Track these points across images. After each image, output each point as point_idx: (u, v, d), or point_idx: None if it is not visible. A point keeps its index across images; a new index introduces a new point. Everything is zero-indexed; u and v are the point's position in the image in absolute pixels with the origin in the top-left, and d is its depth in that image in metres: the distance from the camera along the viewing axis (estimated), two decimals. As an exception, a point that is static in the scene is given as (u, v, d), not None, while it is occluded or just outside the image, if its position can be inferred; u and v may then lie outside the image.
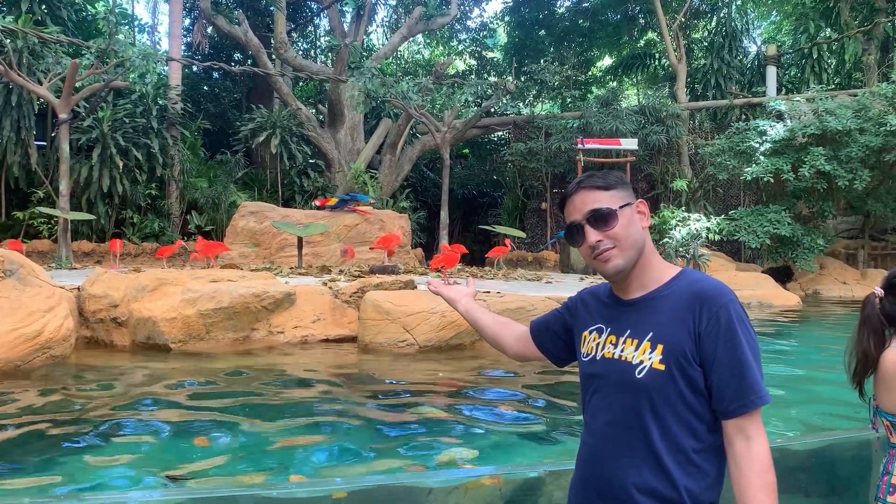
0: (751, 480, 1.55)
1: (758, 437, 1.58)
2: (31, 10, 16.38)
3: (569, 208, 1.75)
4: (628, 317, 1.72)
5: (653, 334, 1.65)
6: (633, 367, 1.64)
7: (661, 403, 1.61)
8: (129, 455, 3.91)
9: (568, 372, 3.12)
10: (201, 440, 4.17)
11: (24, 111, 15.63)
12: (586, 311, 1.86)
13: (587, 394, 1.78)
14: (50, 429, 4.33)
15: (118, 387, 5.66)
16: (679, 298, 1.66)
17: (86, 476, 3.58)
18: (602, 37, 27.25)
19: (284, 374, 6.48)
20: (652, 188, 20.50)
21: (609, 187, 1.71)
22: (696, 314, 1.62)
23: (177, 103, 17.99)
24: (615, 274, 1.71)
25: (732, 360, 1.58)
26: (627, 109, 19.59)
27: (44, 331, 6.13)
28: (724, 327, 1.59)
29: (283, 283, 7.95)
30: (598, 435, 1.70)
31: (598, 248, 1.69)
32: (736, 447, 1.59)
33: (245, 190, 19.05)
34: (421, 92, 15.94)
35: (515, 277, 11.98)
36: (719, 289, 1.65)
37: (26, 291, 6.62)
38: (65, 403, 5.03)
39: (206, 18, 19.69)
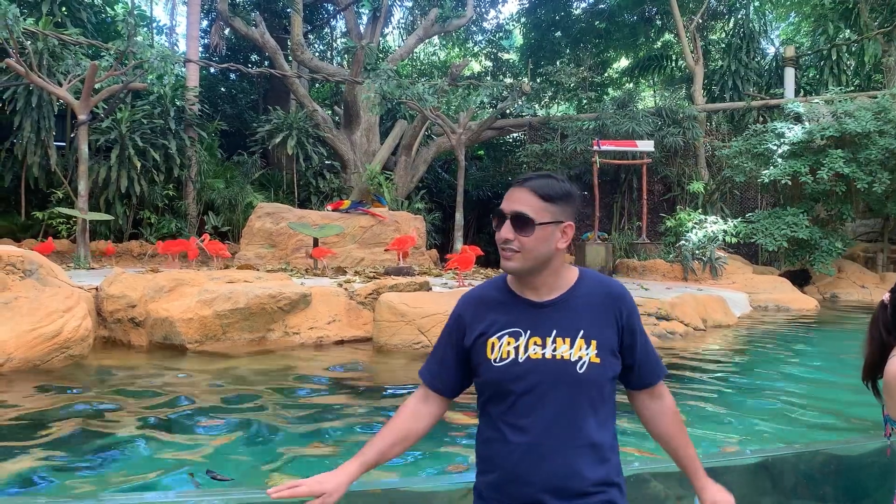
0: (676, 425, 1.94)
1: (667, 394, 1.97)
2: (51, 13, 16.56)
3: (509, 194, 1.81)
4: (548, 318, 1.81)
5: (584, 331, 1.78)
6: (573, 364, 1.75)
7: (597, 395, 1.78)
8: (150, 454, 3.93)
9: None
10: (223, 439, 4.20)
11: (43, 112, 15.80)
12: (486, 317, 1.85)
13: (506, 397, 1.79)
14: (67, 427, 4.37)
15: (135, 387, 5.70)
16: (594, 298, 1.85)
17: (106, 475, 3.61)
18: (618, 38, 27.12)
19: (300, 375, 6.51)
20: (668, 190, 20.38)
21: (547, 199, 1.77)
22: (616, 311, 1.84)
23: (194, 105, 18.10)
24: (511, 272, 1.82)
25: (645, 343, 1.90)
26: (643, 111, 19.48)
27: (62, 330, 6.20)
28: (636, 319, 1.88)
29: (298, 285, 7.99)
30: (536, 434, 1.74)
31: (505, 244, 1.77)
32: (656, 406, 1.95)
33: (261, 191, 19.14)
34: (436, 93, 15.96)
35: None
36: (623, 287, 1.93)
37: (45, 291, 6.70)
38: (82, 402, 5.07)
39: (224, 20, 19.82)
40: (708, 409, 5.34)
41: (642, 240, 17.67)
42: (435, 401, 1.95)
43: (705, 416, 5.12)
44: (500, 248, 1.78)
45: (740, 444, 4.40)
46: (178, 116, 17.45)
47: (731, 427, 4.85)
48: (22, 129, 15.63)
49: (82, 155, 13.41)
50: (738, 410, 5.32)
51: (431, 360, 1.96)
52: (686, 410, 5.14)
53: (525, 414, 1.76)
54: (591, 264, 15.88)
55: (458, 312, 1.92)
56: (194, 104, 18.09)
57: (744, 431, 4.74)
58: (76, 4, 17.70)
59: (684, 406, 5.27)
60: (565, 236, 1.80)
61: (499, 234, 1.78)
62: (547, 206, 1.76)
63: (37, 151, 15.96)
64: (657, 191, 20.73)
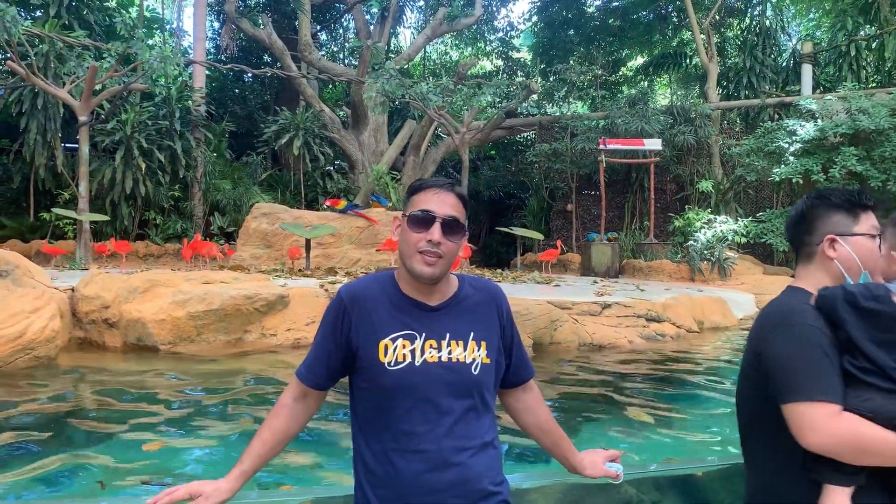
0: (548, 412, 2.05)
1: (535, 384, 2.05)
2: (58, 15, 16.69)
3: (430, 197, 1.79)
4: (441, 321, 1.81)
5: (474, 333, 1.81)
6: (467, 366, 1.77)
7: (488, 394, 1.83)
8: (97, 460, 3.81)
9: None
10: (159, 443, 4.07)
11: (49, 114, 15.94)
12: (376, 317, 1.79)
13: (402, 402, 1.73)
14: (12, 430, 4.27)
15: (96, 388, 5.61)
16: (477, 300, 1.88)
17: (53, 479, 3.50)
18: (633, 36, 26.76)
19: (273, 378, 6.38)
20: (681, 189, 20.03)
21: (466, 207, 1.84)
22: (497, 310, 1.89)
23: (200, 106, 18.15)
24: (429, 278, 1.77)
25: (520, 342, 1.97)
26: (654, 109, 19.15)
27: (27, 332, 6.13)
28: (512, 317, 1.95)
29: (276, 286, 7.88)
30: (436, 439, 1.72)
31: (433, 248, 1.74)
32: (529, 398, 2.02)
33: (269, 191, 19.16)
34: (442, 93, 15.81)
35: (525, 280, 11.76)
36: (498, 287, 1.99)
37: (16, 292, 6.64)
38: (32, 404, 4.98)
39: (231, 21, 19.86)
40: (666, 415, 5.12)
41: (649, 240, 17.36)
42: (313, 396, 1.90)
43: (668, 423, 4.91)
44: (415, 252, 1.76)
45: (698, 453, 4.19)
46: (183, 117, 17.50)
47: (698, 432, 4.64)
48: (28, 130, 15.78)
49: (83, 156, 13.49)
50: (705, 416, 5.10)
51: (311, 358, 1.87)
52: (655, 416, 4.94)
53: (424, 420, 1.73)
54: (597, 265, 15.63)
55: (344, 307, 1.81)
56: (200, 105, 18.13)
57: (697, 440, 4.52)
58: (83, 7, 17.80)
59: (647, 411, 5.07)
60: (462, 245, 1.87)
61: (420, 235, 1.75)
62: (464, 215, 1.83)
63: (44, 153, 16.11)
64: (670, 190, 20.40)
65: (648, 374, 6.70)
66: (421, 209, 1.77)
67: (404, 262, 1.79)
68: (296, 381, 1.88)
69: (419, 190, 1.82)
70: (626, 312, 8.55)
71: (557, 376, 6.48)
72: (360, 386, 1.81)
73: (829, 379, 1.59)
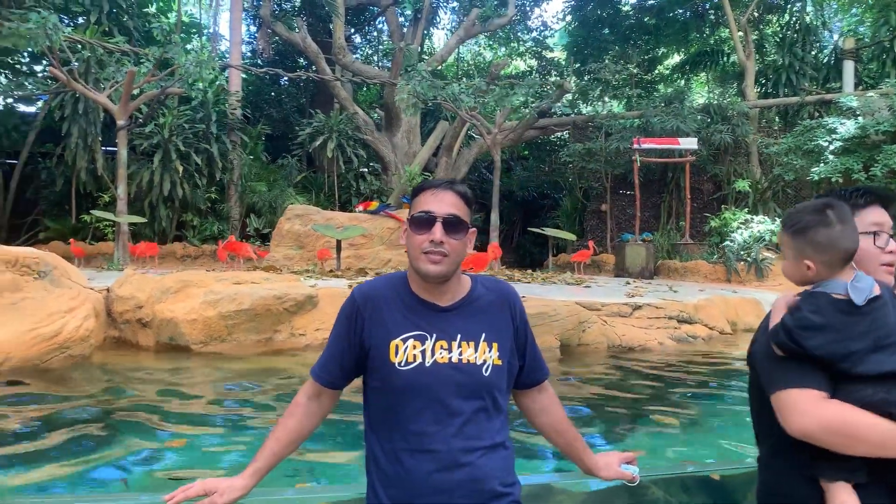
0: (563, 413, 2.03)
1: (550, 385, 2.04)
2: (98, 22, 17.09)
3: (430, 198, 1.80)
4: (452, 322, 1.81)
5: (486, 335, 1.81)
6: (479, 367, 1.77)
7: (500, 396, 1.82)
8: (123, 456, 3.88)
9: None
10: (183, 439, 4.14)
11: (90, 118, 16.32)
12: (388, 317, 1.81)
13: (411, 403, 1.75)
14: (43, 425, 4.38)
15: (123, 386, 5.73)
16: (490, 301, 1.88)
17: (79, 475, 3.57)
18: (669, 34, 26.40)
19: (300, 376, 6.43)
20: (718, 189, 19.73)
21: (469, 204, 1.84)
22: (511, 312, 1.89)
23: (236, 109, 18.41)
24: (435, 277, 1.78)
25: (534, 343, 1.97)
26: (690, 108, 18.89)
27: (62, 331, 6.28)
28: (525, 319, 1.94)
29: (305, 286, 7.95)
30: (446, 440, 1.72)
31: (437, 247, 1.75)
32: (544, 398, 2.02)
33: (303, 193, 19.36)
34: (474, 94, 15.81)
35: (555, 281, 11.68)
36: (512, 287, 1.97)
37: (53, 292, 6.81)
38: (64, 401, 5.10)
39: (266, 25, 20.11)
40: (694, 417, 5.05)
41: (685, 240, 17.12)
42: (327, 396, 1.93)
43: (694, 425, 4.84)
44: (421, 253, 1.76)
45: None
46: (220, 121, 17.77)
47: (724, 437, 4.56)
48: (70, 135, 16.18)
49: (121, 159, 13.77)
50: (734, 418, 5.01)
51: (326, 357, 1.90)
52: (684, 419, 4.87)
53: (434, 420, 1.73)
54: (631, 266, 15.48)
55: (357, 307, 1.84)
56: (236, 109, 18.39)
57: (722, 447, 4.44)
58: (123, 13, 18.19)
59: (678, 414, 5.00)
60: (470, 242, 1.86)
61: (423, 236, 1.76)
62: (468, 211, 1.83)
63: (85, 156, 16.50)
64: (706, 190, 20.12)
65: (677, 375, 6.62)
66: (421, 211, 1.78)
67: (412, 264, 1.81)
68: (310, 380, 1.91)
69: (420, 192, 1.83)
70: (658, 314, 8.45)
71: (584, 377, 6.43)
72: (372, 386, 1.83)
73: (814, 370, 1.59)
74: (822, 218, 1.66)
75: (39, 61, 18.11)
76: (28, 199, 18.45)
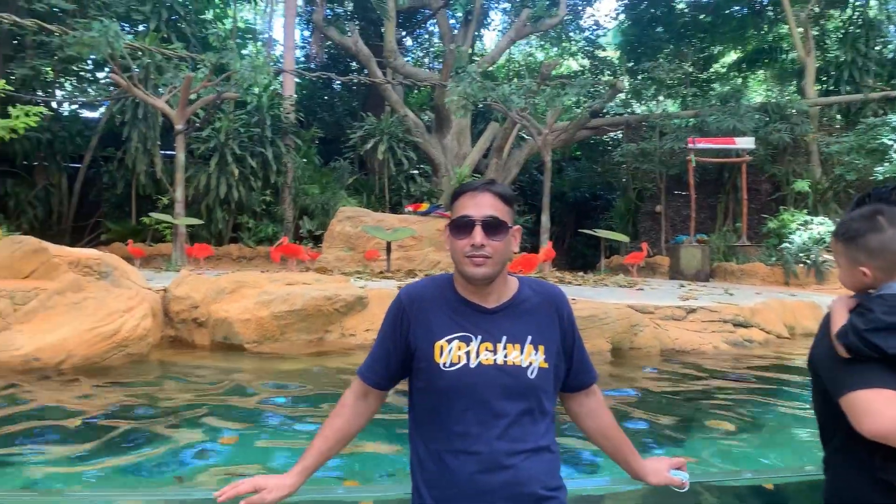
0: (611, 417, 2.00)
1: (598, 389, 2.02)
2: (157, 29, 17.57)
3: (467, 202, 1.79)
4: (497, 324, 1.80)
5: (532, 337, 1.79)
6: (524, 369, 1.75)
7: (544, 399, 1.79)
8: (176, 452, 3.96)
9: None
10: (236, 437, 4.21)
11: (149, 123, 16.79)
12: (433, 318, 1.81)
13: (456, 404, 1.75)
14: (99, 421, 4.51)
15: (178, 384, 5.85)
16: (537, 303, 1.86)
17: (134, 470, 3.66)
18: (725, 31, 25.85)
19: (350, 376, 6.48)
20: (777, 189, 19.21)
21: (508, 203, 1.81)
22: (558, 314, 1.87)
23: (290, 113, 18.71)
24: (481, 279, 1.77)
25: (582, 347, 1.94)
26: (747, 107, 18.44)
27: (120, 330, 6.46)
28: (574, 322, 1.91)
29: (355, 287, 8.02)
30: (490, 442, 1.72)
31: (478, 250, 1.74)
32: (591, 402, 1.99)
33: (355, 196, 19.55)
34: (525, 94, 15.74)
35: (607, 283, 11.52)
36: (560, 290, 1.94)
37: (113, 292, 7.01)
38: (122, 397, 5.24)
39: (319, 30, 20.39)
40: (750, 422, 4.90)
41: (742, 242, 16.71)
42: (374, 396, 1.94)
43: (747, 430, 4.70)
44: (464, 257, 1.76)
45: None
46: (274, 125, 18.08)
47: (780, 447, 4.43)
48: (130, 139, 16.66)
49: (178, 163, 14.11)
50: (790, 424, 4.86)
51: (372, 358, 1.92)
52: (738, 424, 4.74)
53: (478, 422, 1.73)
54: (686, 268, 15.19)
55: (402, 308, 1.87)
56: (290, 113, 18.68)
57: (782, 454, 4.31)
58: (181, 20, 18.67)
59: (732, 418, 4.87)
60: (515, 240, 1.84)
61: (464, 241, 1.76)
62: (508, 210, 1.80)
63: (144, 160, 16.97)
64: (764, 190, 19.63)
65: (732, 380, 6.45)
66: (459, 215, 1.78)
67: (456, 268, 1.82)
68: (357, 380, 1.93)
69: (458, 196, 1.83)
70: (712, 317, 8.27)
71: (635, 381, 6.33)
72: (416, 386, 1.84)
73: (882, 371, 1.57)
74: (872, 224, 1.65)
75: (102, 68, 18.70)
76: (91, 201, 19.11)
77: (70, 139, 18.08)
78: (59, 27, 14.53)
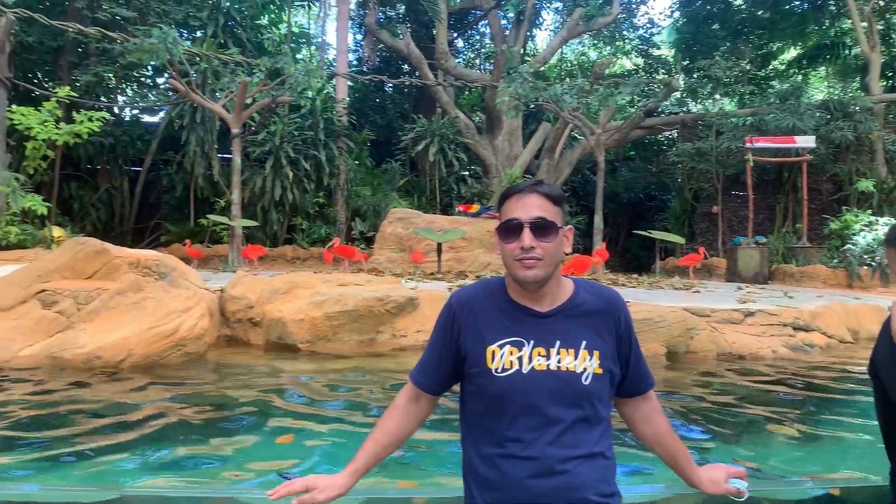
0: (667, 423, 1.97)
1: (654, 396, 1.99)
2: (214, 34, 17.98)
3: (514, 204, 1.77)
4: (551, 328, 1.77)
5: (586, 342, 1.76)
6: (578, 375, 1.73)
7: (600, 405, 1.76)
8: (231, 449, 4.02)
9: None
10: (291, 435, 4.26)
11: (207, 127, 17.18)
12: (485, 323, 1.79)
13: (508, 409, 1.73)
14: (155, 420, 4.61)
15: (234, 382, 5.95)
16: (592, 307, 1.82)
17: (189, 465, 3.74)
18: (785, 27, 25.15)
19: (402, 377, 6.51)
20: (839, 189, 18.62)
21: (557, 203, 1.79)
22: (614, 320, 1.83)
23: (342, 116, 18.92)
24: (532, 283, 1.74)
25: (639, 353, 1.91)
26: (808, 104, 17.92)
27: (179, 329, 6.61)
28: (631, 328, 1.88)
29: (406, 288, 8.05)
30: (542, 447, 1.70)
31: (528, 252, 1.72)
32: (647, 408, 1.96)
33: (406, 197, 19.66)
34: (577, 94, 15.59)
35: (662, 286, 11.32)
36: (617, 295, 1.90)
37: (171, 293, 7.19)
38: (179, 395, 5.36)
39: (372, 33, 20.57)
40: (811, 429, 4.74)
41: (802, 243, 16.23)
42: (426, 400, 1.95)
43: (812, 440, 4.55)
44: (514, 260, 1.75)
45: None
46: (327, 128, 18.31)
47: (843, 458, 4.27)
48: (189, 143, 17.08)
49: (235, 166, 14.38)
50: (853, 431, 4.68)
51: (424, 361, 1.93)
52: (802, 432, 4.60)
53: (530, 427, 1.72)
54: (744, 270, 14.83)
55: (453, 313, 1.86)
56: (342, 116, 18.89)
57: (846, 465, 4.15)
58: (237, 26, 19.06)
59: (793, 425, 4.72)
60: (567, 240, 1.83)
61: (513, 244, 1.74)
62: (558, 210, 1.78)
63: (202, 163, 17.38)
64: (826, 190, 19.05)
65: (793, 385, 6.26)
66: (507, 219, 1.76)
67: (508, 272, 1.80)
68: (409, 384, 1.94)
69: (505, 199, 1.82)
70: (771, 321, 8.04)
71: (691, 386, 6.19)
72: (468, 391, 1.84)
73: None
74: None
75: (161, 74, 19.25)
76: (151, 204, 19.68)
77: (131, 143, 18.64)
78: (121, 35, 15.00)
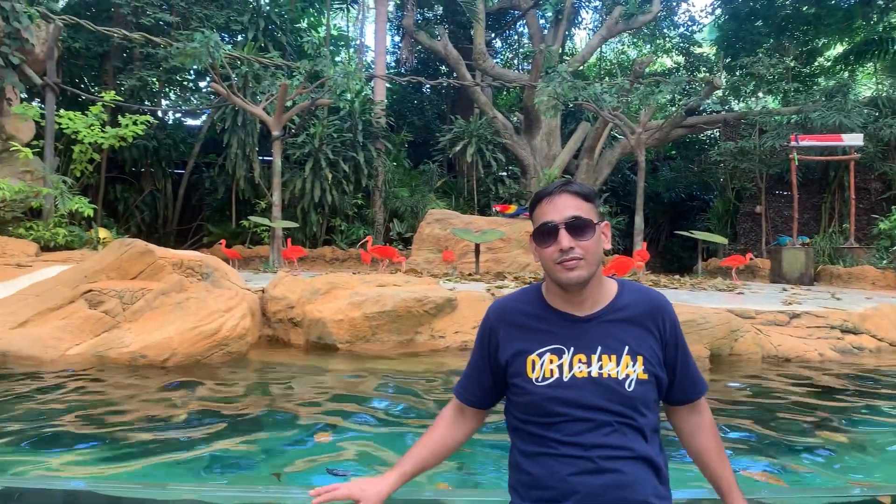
0: (715, 441, 1.87)
1: (707, 409, 1.90)
2: (255, 38, 18.23)
3: (546, 207, 1.75)
4: (592, 333, 1.73)
5: (629, 347, 1.71)
6: (620, 382, 1.69)
7: (647, 410, 1.71)
8: (272, 447, 4.06)
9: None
10: (329, 434, 4.28)
11: (248, 130, 17.42)
12: (523, 332, 1.77)
13: (551, 418, 1.70)
14: (197, 419, 4.68)
15: (276, 382, 6.01)
16: (636, 311, 1.77)
17: (231, 463, 3.78)
18: (831, 23, 24.52)
19: (440, 378, 6.50)
20: (888, 188, 18.13)
21: (589, 199, 1.76)
22: (658, 324, 1.77)
23: (381, 118, 19.02)
24: (576, 284, 1.71)
25: (687, 358, 1.83)
26: (855, 102, 17.47)
27: (221, 329, 6.70)
28: (678, 331, 1.81)
29: (444, 289, 8.04)
30: (586, 451, 1.67)
31: (567, 254, 1.69)
32: (695, 421, 1.87)
33: (443, 198, 19.68)
34: (617, 93, 15.44)
35: (705, 287, 11.13)
36: (663, 297, 1.83)
37: (214, 293, 7.29)
38: (222, 393, 5.42)
39: (409, 34, 20.63)
40: (862, 436, 4.61)
41: (850, 244, 15.82)
42: (471, 414, 1.94)
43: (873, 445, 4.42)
44: (555, 263, 1.72)
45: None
46: (366, 130, 18.43)
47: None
48: (230, 146, 17.33)
49: (276, 168, 14.55)
50: None
51: (465, 376, 1.92)
52: (854, 438, 4.47)
53: (574, 434, 1.69)
54: (789, 271, 14.51)
55: (490, 325, 1.86)
56: (381, 118, 18.99)
57: None
58: (277, 29, 19.29)
59: (841, 430, 4.60)
60: (606, 237, 1.79)
61: (551, 248, 1.72)
62: (591, 207, 1.75)
63: (243, 166, 17.63)
64: (874, 189, 18.56)
65: (841, 389, 6.10)
66: (541, 223, 1.73)
67: (549, 276, 1.77)
68: (454, 398, 1.93)
69: (536, 204, 1.79)
70: (818, 323, 7.85)
71: (736, 389, 6.07)
72: (511, 400, 1.82)
73: None
74: None
75: (203, 78, 19.56)
76: (193, 205, 20.03)
77: (174, 146, 18.99)
78: (164, 39, 15.29)
